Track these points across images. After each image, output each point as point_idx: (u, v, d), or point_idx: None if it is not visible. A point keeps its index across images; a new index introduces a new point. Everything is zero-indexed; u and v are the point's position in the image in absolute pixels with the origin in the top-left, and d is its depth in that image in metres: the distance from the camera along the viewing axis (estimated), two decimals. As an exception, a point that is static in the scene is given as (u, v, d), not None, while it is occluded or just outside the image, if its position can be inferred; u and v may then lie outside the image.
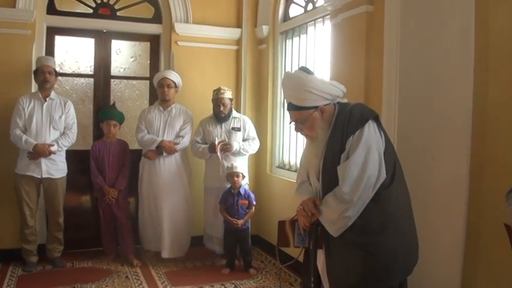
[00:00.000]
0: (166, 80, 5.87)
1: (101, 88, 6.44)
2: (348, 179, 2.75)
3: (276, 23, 6.46)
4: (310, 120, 2.95)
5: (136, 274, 5.49)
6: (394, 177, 2.86)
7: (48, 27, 6.08)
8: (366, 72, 4.28)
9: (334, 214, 2.82)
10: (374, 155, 2.78)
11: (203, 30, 6.54)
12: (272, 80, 6.51)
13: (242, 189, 5.64)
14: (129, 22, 6.44)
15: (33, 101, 5.47)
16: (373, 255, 2.78)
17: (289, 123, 3.10)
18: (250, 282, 5.33)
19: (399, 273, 2.89)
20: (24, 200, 5.43)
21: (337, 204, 2.78)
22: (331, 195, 2.84)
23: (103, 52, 6.44)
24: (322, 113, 2.95)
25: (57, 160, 5.54)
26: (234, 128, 5.86)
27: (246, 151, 5.88)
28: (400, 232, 2.86)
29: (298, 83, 2.94)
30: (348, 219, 2.78)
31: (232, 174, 5.57)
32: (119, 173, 5.82)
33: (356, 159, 2.76)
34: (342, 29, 4.63)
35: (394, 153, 2.97)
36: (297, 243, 3.12)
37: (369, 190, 2.76)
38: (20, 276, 5.30)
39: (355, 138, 2.80)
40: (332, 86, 3.01)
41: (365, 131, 2.80)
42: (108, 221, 5.87)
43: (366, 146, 2.77)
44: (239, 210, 5.57)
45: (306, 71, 3.01)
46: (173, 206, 5.83)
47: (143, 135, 5.84)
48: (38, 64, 5.52)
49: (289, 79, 3.06)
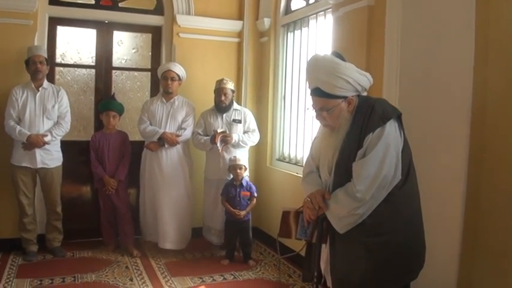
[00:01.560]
0: (170, 72, 5.88)
1: (103, 79, 6.45)
2: (363, 177, 2.67)
3: (278, 15, 6.47)
4: (337, 109, 2.82)
5: (136, 264, 5.52)
6: (407, 177, 2.79)
7: (50, 18, 6.08)
8: (366, 65, 4.28)
9: (343, 210, 2.75)
10: (392, 155, 2.70)
11: (205, 22, 6.55)
12: (273, 73, 6.52)
13: (244, 181, 5.67)
14: (131, 13, 6.45)
15: (26, 91, 5.47)
16: (380, 256, 2.73)
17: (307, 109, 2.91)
18: (249, 274, 5.36)
19: (405, 276, 2.86)
20: (21, 189, 5.46)
21: (348, 201, 2.71)
22: (342, 191, 2.76)
23: (105, 43, 6.45)
24: (349, 104, 2.83)
25: (52, 150, 5.55)
26: (235, 120, 5.87)
27: (245, 143, 5.89)
28: (410, 235, 2.81)
29: (333, 67, 2.80)
30: (357, 217, 2.72)
31: (235, 166, 5.60)
32: (119, 164, 5.84)
33: (374, 157, 2.67)
34: (343, 22, 4.64)
35: (410, 153, 2.86)
36: (299, 235, 3.05)
37: (382, 190, 2.69)
38: (21, 265, 5.33)
39: (375, 136, 2.70)
40: (364, 77, 2.90)
41: (386, 129, 2.70)
42: (108, 211, 5.90)
43: (385, 145, 2.67)
44: (241, 201, 5.60)
45: (340, 57, 2.90)
46: (174, 198, 5.86)
47: (145, 127, 5.86)
48: (28, 54, 5.49)
49: (321, 62, 2.89)
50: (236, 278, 5.23)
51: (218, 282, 5.12)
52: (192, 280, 5.10)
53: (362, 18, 4.36)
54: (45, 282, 4.87)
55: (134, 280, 5.04)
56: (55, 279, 4.96)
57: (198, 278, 5.16)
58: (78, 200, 6.31)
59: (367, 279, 2.76)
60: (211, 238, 6.09)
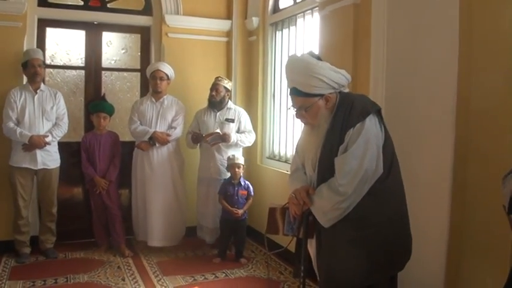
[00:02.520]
0: (159, 72, 5.90)
1: (92, 80, 6.46)
2: (344, 171, 2.72)
3: (266, 14, 6.49)
4: (314, 107, 2.87)
5: (128, 264, 5.54)
6: (390, 171, 2.83)
7: (39, 19, 6.08)
8: (353, 63, 4.32)
9: (327, 205, 2.79)
10: (372, 149, 2.74)
11: (193, 22, 6.57)
12: (262, 72, 6.54)
13: (242, 180, 5.70)
14: (120, 14, 6.46)
15: (24, 93, 5.49)
16: (365, 249, 2.77)
17: (288, 109, 3.00)
18: (241, 272, 5.39)
19: (391, 268, 2.90)
20: (18, 192, 5.47)
21: (331, 196, 2.75)
22: (326, 186, 2.81)
23: (94, 44, 6.46)
24: (326, 101, 2.87)
25: (52, 151, 5.60)
26: (228, 119, 5.90)
27: (243, 143, 5.93)
28: (394, 227, 2.85)
29: (307, 67, 2.85)
30: (341, 211, 2.76)
31: (234, 165, 5.62)
32: (110, 164, 5.86)
33: (354, 152, 2.71)
34: (329, 20, 4.68)
35: (393, 147, 2.91)
36: (286, 231, 3.08)
37: (364, 184, 2.73)
38: (13, 267, 5.34)
39: (355, 131, 2.75)
40: (340, 75, 2.92)
41: (366, 124, 2.75)
42: (99, 212, 5.92)
43: (365, 140, 2.72)
44: (239, 200, 5.63)
45: (315, 56, 2.94)
46: (164, 196, 5.88)
47: (136, 127, 5.88)
48: (26, 57, 5.53)
49: (296, 63, 2.95)
50: (228, 276, 5.26)
51: (210, 280, 5.14)
52: (184, 279, 5.12)
53: (348, 16, 4.40)
54: (37, 283, 4.88)
55: (126, 280, 5.06)
56: (47, 280, 4.97)
57: (190, 277, 5.18)
58: (70, 201, 6.31)
59: (353, 272, 2.80)
60: (204, 236, 6.11)
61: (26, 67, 5.52)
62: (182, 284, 4.99)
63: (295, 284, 4.95)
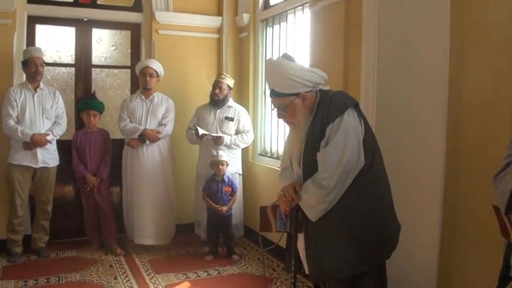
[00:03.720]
0: (148, 69, 5.88)
1: (82, 77, 6.42)
2: (326, 165, 2.80)
3: (257, 10, 6.48)
4: (291, 106, 2.97)
5: (120, 263, 5.53)
6: (372, 163, 2.89)
7: (29, 16, 6.04)
8: (344, 59, 4.33)
9: (313, 199, 2.87)
10: (352, 141, 2.81)
11: (184, 18, 6.56)
12: (253, 68, 6.54)
13: (226, 177, 5.68)
14: (110, 10, 6.43)
15: (23, 91, 5.47)
16: (350, 239, 2.84)
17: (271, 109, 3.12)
18: (233, 269, 5.39)
19: (378, 257, 2.94)
20: (16, 190, 5.45)
21: (316, 190, 2.83)
22: (310, 181, 2.89)
23: (84, 41, 6.42)
24: (303, 99, 2.97)
25: (51, 149, 5.61)
26: (227, 118, 5.89)
27: (237, 146, 5.94)
28: (379, 217, 2.90)
29: (280, 69, 2.96)
30: (326, 204, 2.83)
31: (217, 162, 5.60)
32: (101, 163, 5.84)
33: (335, 145, 2.80)
34: (320, 17, 4.67)
35: (374, 140, 2.99)
36: (279, 228, 3.16)
37: (347, 176, 2.80)
38: (5, 266, 5.31)
39: (335, 126, 2.83)
40: (313, 73, 3.02)
41: (344, 118, 2.83)
42: (91, 210, 5.90)
43: (344, 133, 2.80)
44: (223, 197, 5.62)
45: (288, 58, 3.04)
46: (154, 194, 5.87)
47: (125, 124, 5.85)
48: (27, 55, 5.51)
49: (271, 66, 3.08)
50: (220, 273, 5.26)
51: (202, 278, 5.14)
52: (176, 277, 5.11)
53: (339, 12, 4.39)
54: (29, 283, 4.86)
55: (118, 278, 5.05)
56: (39, 279, 4.95)
57: (182, 275, 5.17)
58: (61, 200, 6.27)
59: (341, 262, 2.87)
60: (201, 233, 6.10)
61: (26, 65, 5.50)
62: (174, 282, 4.99)
63: (288, 280, 4.95)
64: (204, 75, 6.59)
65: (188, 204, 6.26)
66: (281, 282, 4.96)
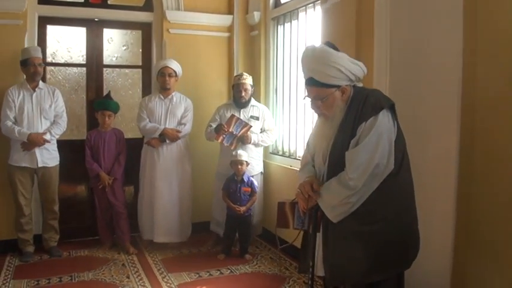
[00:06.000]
0: (167, 69, 5.88)
1: (94, 77, 6.42)
2: (355, 165, 2.70)
3: (268, 9, 6.45)
4: (330, 98, 2.87)
5: (133, 262, 5.53)
6: (401, 167, 2.81)
7: (40, 17, 6.04)
8: (356, 56, 4.26)
9: (335, 199, 2.77)
10: (384, 143, 2.72)
11: (194, 17, 6.54)
12: (264, 66, 6.52)
13: (245, 177, 5.67)
14: (121, 10, 6.42)
15: (22, 92, 5.47)
16: (372, 245, 2.74)
17: (303, 99, 2.99)
18: (246, 268, 5.38)
19: (398, 265, 2.86)
20: (19, 190, 5.45)
21: (341, 190, 2.74)
22: (335, 180, 2.80)
23: (95, 41, 6.42)
24: (342, 93, 2.87)
25: (50, 149, 5.58)
26: (253, 117, 5.89)
27: (264, 143, 5.96)
28: (403, 224, 2.83)
29: (327, 57, 2.84)
30: (349, 206, 2.74)
31: (236, 162, 5.60)
32: (115, 162, 5.84)
33: (366, 146, 2.70)
34: (332, 14, 4.65)
35: (404, 144, 2.89)
36: (296, 225, 3.08)
37: (375, 178, 2.71)
38: (17, 266, 5.33)
39: (368, 125, 2.73)
40: (358, 67, 2.93)
41: (379, 118, 2.73)
42: (104, 209, 5.90)
43: (377, 134, 2.70)
44: (241, 197, 5.61)
45: (333, 47, 2.93)
46: (175, 192, 5.91)
47: (145, 124, 5.87)
48: (26, 55, 5.48)
49: (314, 52, 2.93)
50: (233, 272, 5.25)
51: (215, 276, 5.13)
52: (188, 276, 5.11)
53: (350, 9, 4.37)
54: (42, 282, 4.87)
55: (131, 277, 5.05)
56: (52, 279, 4.96)
57: (195, 274, 5.17)
58: (73, 200, 6.30)
59: (359, 267, 2.78)
60: (218, 231, 6.07)
61: (25, 65, 5.48)
62: (187, 281, 4.98)
63: (300, 279, 4.94)
64: (215, 74, 6.58)
65: (202, 202, 6.25)
66: (294, 281, 4.94)
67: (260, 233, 6.22)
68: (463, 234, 3.48)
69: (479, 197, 3.42)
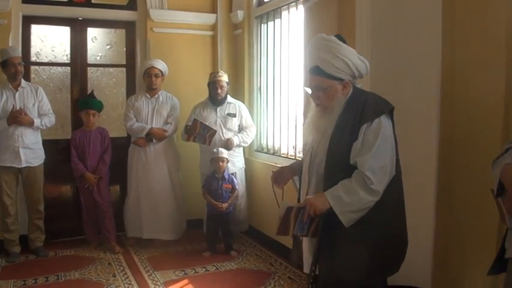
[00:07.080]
0: (153, 69, 5.90)
1: (78, 76, 6.42)
2: (374, 170, 2.64)
3: (251, 7, 6.49)
4: (332, 90, 2.82)
5: (119, 260, 5.55)
6: (397, 172, 2.80)
7: (24, 16, 6.04)
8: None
9: (357, 204, 2.68)
10: (392, 149, 2.73)
11: (178, 16, 6.56)
12: (248, 65, 6.56)
13: (226, 174, 5.70)
14: (104, 9, 6.42)
15: (4, 91, 5.45)
16: (365, 249, 2.71)
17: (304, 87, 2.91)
18: (231, 264, 5.42)
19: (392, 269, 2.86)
20: (4, 189, 5.44)
21: (364, 195, 2.65)
22: (356, 185, 2.68)
23: (79, 40, 6.42)
24: (344, 87, 2.83)
25: (35, 148, 5.57)
26: (230, 114, 5.91)
27: (245, 143, 6.00)
28: (398, 227, 2.83)
29: (336, 48, 2.80)
30: (366, 211, 2.70)
31: (217, 159, 5.62)
32: (99, 161, 5.84)
33: (382, 151, 2.67)
34: (314, 12, 4.68)
35: (397, 149, 2.84)
36: (296, 231, 2.88)
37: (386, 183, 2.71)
38: (4, 267, 5.32)
39: (374, 130, 2.68)
40: (363, 64, 2.88)
41: (383, 124, 2.70)
42: (90, 209, 5.90)
43: (384, 139, 2.68)
44: (223, 194, 5.64)
45: (343, 41, 2.88)
46: (163, 190, 5.94)
47: (132, 123, 5.90)
48: (5, 56, 5.43)
49: (324, 41, 2.86)
50: (218, 269, 5.29)
51: (200, 274, 5.16)
52: (174, 273, 5.14)
53: (332, 8, 4.40)
54: (28, 282, 4.88)
55: (117, 276, 5.07)
56: (38, 279, 4.97)
57: (181, 271, 5.20)
58: (59, 199, 6.30)
59: (354, 272, 2.75)
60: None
61: (5, 66, 5.45)
62: (173, 278, 5.01)
63: (285, 275, 4.99)
64: (199, 73, 6.59)
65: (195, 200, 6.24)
66: (279, 277, 4.98)
67: (246, 229, 6.26)
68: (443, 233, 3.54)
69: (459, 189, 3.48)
